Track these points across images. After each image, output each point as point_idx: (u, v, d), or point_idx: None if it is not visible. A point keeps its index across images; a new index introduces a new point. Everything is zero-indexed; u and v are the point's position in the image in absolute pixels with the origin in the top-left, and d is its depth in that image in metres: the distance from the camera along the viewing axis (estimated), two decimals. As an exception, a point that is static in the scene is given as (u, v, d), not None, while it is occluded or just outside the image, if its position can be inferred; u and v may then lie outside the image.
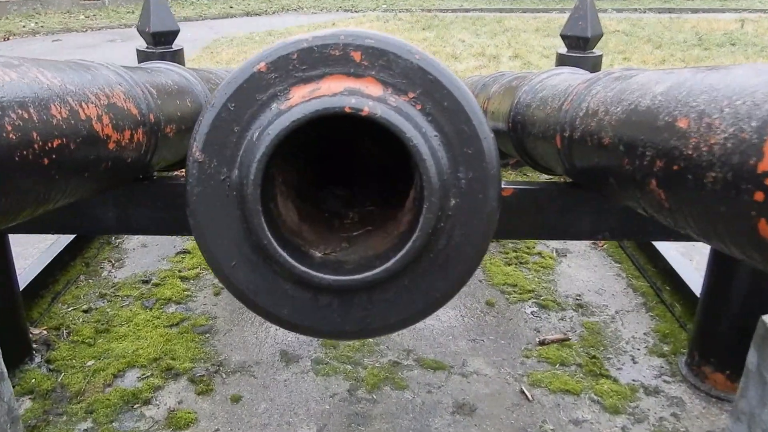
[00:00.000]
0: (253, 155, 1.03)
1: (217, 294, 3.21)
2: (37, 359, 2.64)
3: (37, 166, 1.10)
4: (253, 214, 1.04)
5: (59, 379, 2.53)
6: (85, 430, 2.29)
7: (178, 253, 3.63)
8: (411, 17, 15.05)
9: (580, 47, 4.21)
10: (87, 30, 13.49)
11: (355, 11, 17.22)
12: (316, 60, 1.11)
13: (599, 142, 1.39)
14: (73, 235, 3.34)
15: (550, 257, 3.60)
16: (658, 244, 3.34)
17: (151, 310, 3.01)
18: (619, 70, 1.65)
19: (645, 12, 15.69)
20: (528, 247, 3.69)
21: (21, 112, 1.06)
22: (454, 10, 16.69)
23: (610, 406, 2.41)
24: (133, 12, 15.22)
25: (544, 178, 4.16)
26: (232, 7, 17.08)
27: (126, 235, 3.63)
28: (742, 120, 0.80)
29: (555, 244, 3.75)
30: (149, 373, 2.58)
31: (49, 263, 3.15)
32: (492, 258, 3.59)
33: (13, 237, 2.84)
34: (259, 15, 16.78)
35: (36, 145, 1.09)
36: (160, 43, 3.91)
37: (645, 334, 2.88)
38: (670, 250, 3.30)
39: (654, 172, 1.08)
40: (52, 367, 2.60)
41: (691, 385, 2.53)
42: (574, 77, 2.14)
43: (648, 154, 1.10)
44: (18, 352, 2.59)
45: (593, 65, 4.20)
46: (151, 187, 1.94)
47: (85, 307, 3.03)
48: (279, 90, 1.11)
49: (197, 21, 15.30)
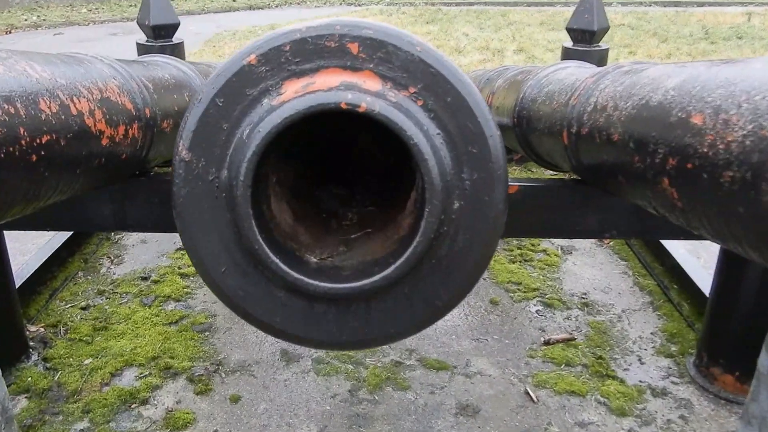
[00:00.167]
0: (243, 154, 0.97)
1: (217, 291, 3.16)
2: (34, 357, 2.60)
3: (24, 162, 1.06)
4: (243, 217, 0.98)
5: (56, 378, 2.49)
6: (82, 430, 2.25)
7: (177, 249, 3.58)
8: (415, 11, 14.97)
9: (586, 41, 4.15)
10: (89, 23, 13.43)
11: (359, 5, 17.13)
12: (310, 52, 1.04)
13: (608, 139, 1.35)
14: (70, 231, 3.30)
15: (556, 255, 3.54)
16: (666, 242, 3.28)
17: (150, 307, 2.97)
18: (629, 63, 1.60)
19: (650, 5, 15.56)
20: (533, 245, 3.64)
21: (7, 107, 1.01)
22: (458, 4, 16.58)
23: (616, 408, 2.36)
24: (135, 5, 15.16)
25: (549, 174, 4.10)
26: (234, 0, 17.02)
27: (122, 232, 3.58)
28: (763, 116, 0.75)
29: (560, 241, 3.69)
30: (147, 372, 2.54)
31: (47, 259, 3.11)
32: (496, 255, 3.53)
33: (11, 232, 2.80)
34: (261, 8, 16.69)
35: (23, 141, 1.04)
36: (160, 37, 3.87)
37: (652, 333, 2.83)
38: (677, 247, 3.24)
39: (666, 171, 1.04)
40: (48, 365, 2.57)
41: (699, 387, 2.48)
42: (581, 71, 2.09)
43: (660, 152, 1.06)
44: (14, 350, 2.56)
45: (599, 59, 4.15)
46: (147, 184, 1.89)
47: (83, 304, 2.99)
48: (270, 84, 1.05)
49: (199, 14, 15.23)
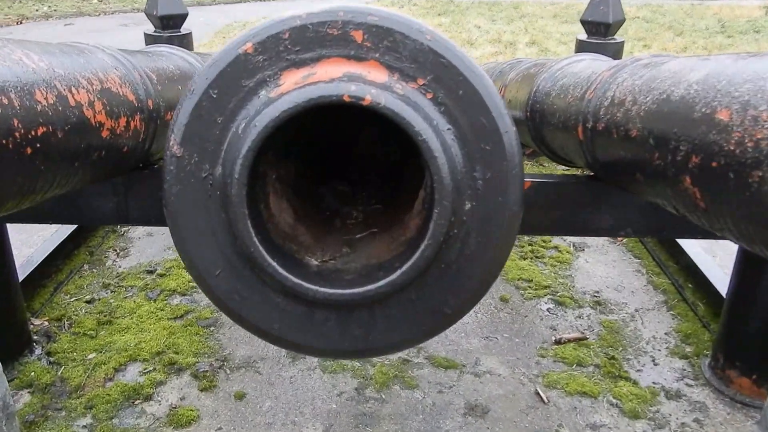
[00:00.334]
0: (238, 150, 0.91)
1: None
2: (38, 351, 2.57)
3: (18, 155, 1.02)
4: (238, 218, 0.92)
5: (59, 373, 2.46)
6: (84, 427, 2.22)
7: (184, 242, 3.54)
8: (426, 2, 14.85)
9: (600, 33, 4.07)
10: (100, 14, 13.42)
11: (370, -4, 17.03)
12: (310, 40, 0.97)
13: (626, 134, 1.30)
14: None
15: (567, 252, 3.48)
16: (681, 240, 3.21)
17: (155, 301, 2.94)
18: (647, 56, 1.54)
19: (665, -2, 15.37)
20: (544, 241, 3.58)
21: (0, 98, 0.97)
22: (470, -4, 16.46)
23: (629, 411, 2.30)
24: (146, -4, 15.14)
25: (561, 169, 4.04)
26: (245, -9, 16.97)
27: (125, 225, 3.55)
28: None
29: (572, 238, 3.63)
30: (151, 368, 2.50)
31: (52, 251, 3.08)
32: (507, 251, 3.47)
33: (17, 224, 2.77)
34: (273, -1, 16.65)
35: (17, 134, 1.00)
36: (168, 27, 3.82)
37: (666, 334, 2.76)
38: (692, 245, 3.17)
39: (689, 169, 0.99)
40: (52, 359, 2.54)
41: (714, 390, 2.41)
42: (598, 64, 2.03)
43: (682, 149, 1.01)
44: (17, 344, 2.53)
45: (614, 52, 4.06)
46: (150, 177, 1.85)
47: (88, 297, 2.96)
48: (268, 75, 0.98)
49: (210, 6, 15.19)
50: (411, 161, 1.15)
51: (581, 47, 4.12)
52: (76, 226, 3.30)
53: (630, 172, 1.30)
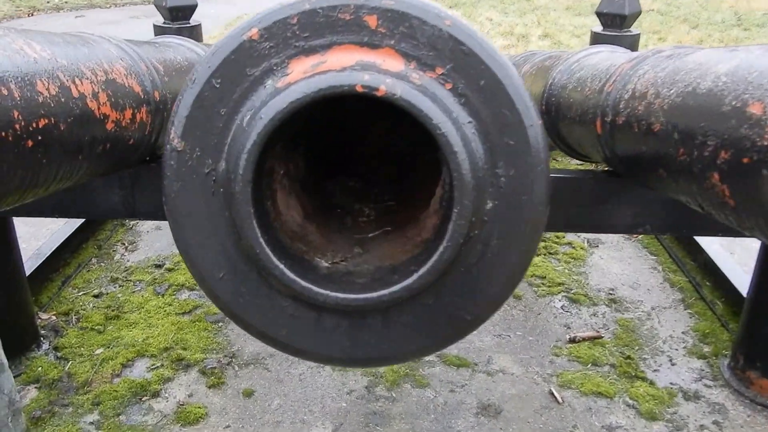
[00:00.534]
0: (243, 144, 0.85)
1: (232, 280, 3.09)
2: (45, 346, 2.55)
3: (19, 148, 0.98)
4: (242, 217, 0.86)
5: (66, 368, 2.43)
6: (91, 423, 2.19)
7: (193, 236, 3.51)
8: (437, -5, 14.73)
9: (616, 25, 3.99)
10: (111, 6, 13.40)
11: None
12: (321, 26, 0.91)
13: (648, 129, 1.25)
14: (83, 217, 3.24)
15: (582, 248, 3.42)
16: (699, 237, 3.14)
17: (163, 296, 2.90)
18: (670, 48, 1.49)
19: (680, -10, 15.16)
20: (557, 237, 3.51)
21: None
22: (481, -12, 16.30)
23: (646, 412, 2.25)
24: (157, -12, 15.10)
25: (575, 164, 3.97)
26: (256, -17, 16.89)
27: (132, 219, 3.51)
28: None
29: (586, 234, 3.56)
30: (159, 364, 2.47)
31: (60, 245, 3.05)
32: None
33: (25, 217, 2.75)
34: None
35: (17, 126, 0.97)
36: (177, 18, 3.79)
37: (683, 333, 2.70)
38: (710, 242, 3.09)
39: (717, 165, 0.95)
40: (59, 354, 2.51)
41: (734, 391, 2.35)
42: (616, 56, 1.98)
43: (710, 144, 0.97)
44: (25, 339, 2.50)
45: (630, 45, 3.98)
46: (158, 170, 1.81)
47: (96, 291, 2.93)
48: (275, 63, 0.92)
49: (221, -3, 15.14)
50: (426, 155, 1.09)
51: (596, 39, 4.04)
52: (84, 219, 3.28)
53: (652, 168, 1.26)
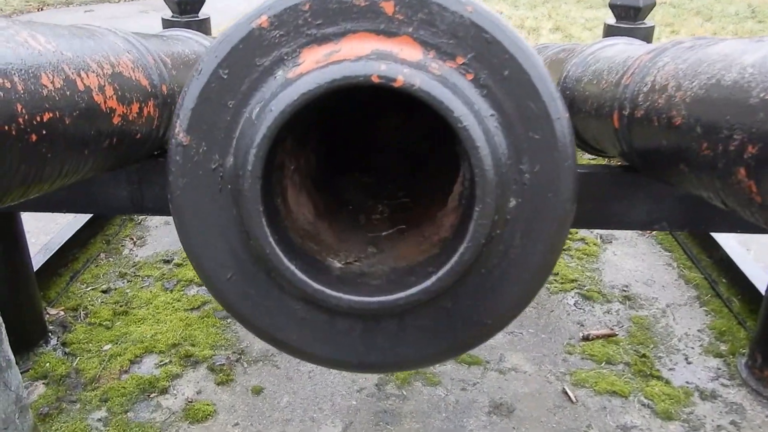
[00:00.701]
0: (252, 138, 0.81)
1: (241, 276, 3.06)
2: (53, 341, 2.53)
3: (22, 142, 0.96)
4: (251, 215, 0.82)
5: (74, 364, 2.41)
6: (99, 420, 2.17)
7: (202, 231, 3.48)
8: (447, -12, 14.63)
9: (630, 17, 3.92)
10: (120, 0, 13.41)
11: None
12: (334, 12, 0.86)
13: (669, 122, 1.21)
14: (90, 212, 3.22)
15: (595, 244, 3.37)
16: (715, 232, 3.08)
17: (171, 292, 2.88)
18: (691, 39, 1.44)
19: (693, -17, 15.00)
20: (570, 233, 3.45)
21: (2, 81, 0.91)
22: (491, -19, 16.19)
23: (661, 412, 2.21)
24: (166, -18, 15.08)
25: (587, 158, 3.91)
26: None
27: (140, 215, 3.49)
28: None
29: (600, 229, 3.51)
30: (167, 360, 2.45)
31: (68, 240, 3.03)
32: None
33: (34, 212, 2.73)
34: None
35: (21, 119, 0.94)
36: (186, 12, 3.75)
37: (699, 330, 2.65)
38: (727, 238, 3.03)
39: (744, 160, 0.91)
40: (67, 350, 2.49)
41: (752, 390, 2.30)
42: (633, 48, 1.93)
43: (736, 138, 0.93)
44: (33, 334, 2.49)
45: (644, 37, 3.91)
46: (165, 165, 1.78)
47: (104, 287, 2.91)
48: (285, 53, 0.87)
49: (230, -9, 15.11)
50: (443, 150, 1.05)
51: (609, 32, 3.97)
52: (92, 214, 3.26)
53: (672, 163, 1.22)
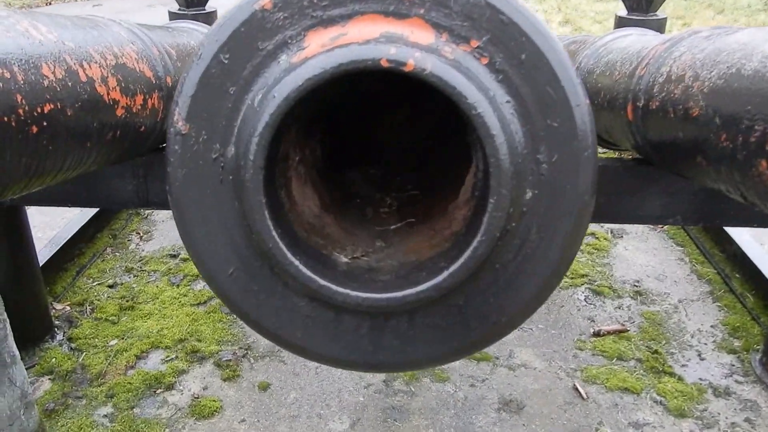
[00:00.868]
0: (254, 127, 0.77)
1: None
2: (59, 337, 2.52)
3: (22, 134, 0.94)
4: (253, 207, 0.78)
5: (80, 359, 2.40)
6: (105, 416, 2.15)
7: (208, 225, 3.46)
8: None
9: (642, 9, 3.88)
10: (128, -5, 13.42)
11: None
12: None
13: (685, 113, 1.18)
14: (97, 206, 3.21)
15: (605, 238, 3.32)
16: (728, 227, 3.03)
17: (178, 287, 2.86)
18: (708, 28, 1.41)
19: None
20: (580, 227, 3.42)
21: (1, 71, 0.89)
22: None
23: (674, 408, 2.17)
24: (173, -23, 15.06)
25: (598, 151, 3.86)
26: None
27: (146, 209, 3.47)
28: None
29: (610, 224, 3.47)
30: (173, 356, 2.43)
31: (75, 234, 3.01)
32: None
33: (42, 207, 2.72)
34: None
35: (20, 111, 0.92)
36: (193, 5, 3.73)
37: (712, 326, 2.61)
38: (740, 233, 2.99)
39: (766, 152, 0.88)
40: (73, 345, 2.48)
41: (766, 387, 2.26)
42: (647, 38, 1.90)
43: (758, 129, 0.91)
44: (39, 329, 2.47)
45: (657, 29, 3.84)
46: None
47: (110, 282, 2.90)
48: (290, 36, 0.83)
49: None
50: (454, 139, 1.01)
51: (621, 24, 3.92)
52: (98, 208, 3.24)
53: (689, 156, 1.19)
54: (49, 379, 2.31)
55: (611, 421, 2.13)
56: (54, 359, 2.38)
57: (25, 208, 2.37)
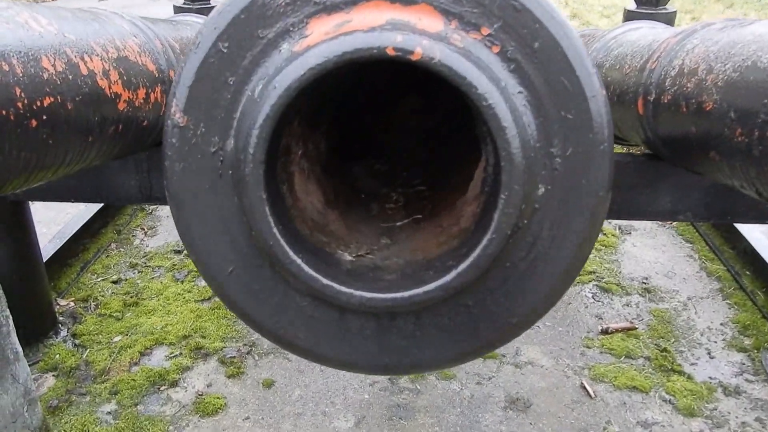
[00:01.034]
0: (254, 119, 0.73)
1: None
2: (63, 333, 2.51)
3: (21, 128, 0.92)
4: (253, 203, 0.75)
5: (84, 356, 2.38)
6: (109, 413, 2.14)
7: (213, 221, 3.44)
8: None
9: (651, 2, 3.83)
10: (133, -10, 13.41)
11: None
12: None
13: (698, 107, 1.16)
14: (101, 202, 3.20)
15: (613, 235, 3.29)
16: (738, 223, 2.99)
17: (182, 282, 2.84)
18: (722, 20, 1.38)
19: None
20: (588, 223, 3.39)
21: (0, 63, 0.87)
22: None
23: (683, 408, 2.14)
24: (179, -28, 15.02)
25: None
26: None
27: (149, 204, 3.44)
28: None
29: (618, 220, 3.43)
30: (178, 352, 2.41)
31: (79, 230, 3.00)
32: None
33: (47, 202, 2.71)
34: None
35: (20, 104, 0.91)
36: (197, -1, 3.70)
37: (722, 324, 2.57)
38: (751, 229, 2.95)
39: None
40: (77, 341, 2.46)
41: (778, 386, 2.23)
42: (658, 31, 1.87)
43: None
44: (42, 325, 2.46)
45: (667, 23, 3.81)
46: None
47: (114, 277, 2.88)
48: (292, 23, 0.79)
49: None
50: (463, 132, 0.98)
51: (630, 18, 3.88)
52: (102, 204, 3.23)
53: (701, 151, 1.17)
54: (52, 375, 2.30)
55: (619, 420, 2.10)
56: (58, 355, 2.37)
57: (29, 203, 2.35)
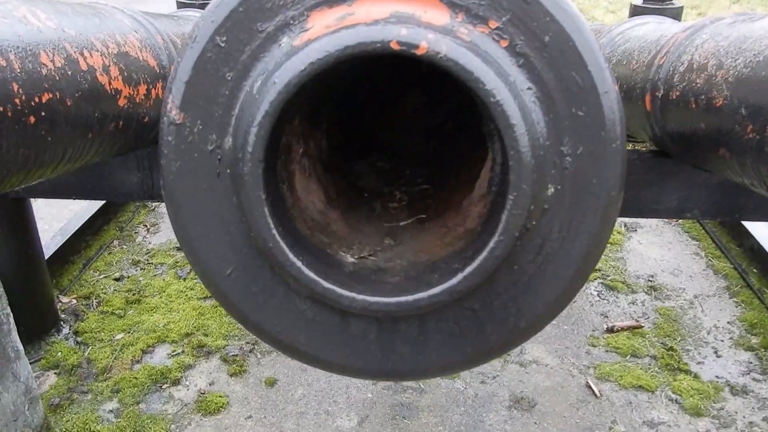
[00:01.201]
0: (253, 116, 0.71)
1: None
2: (65, 330, 2.49)
3: (19, 124, 0.90)
4: (252, 203, 0.72)
5: (86, 354, 2.37)
6: (110, 411, 2.13)
7: (216, 218, 3.43)
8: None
9: (658, -3, 3.80)
10: (137, -14, 13.44)
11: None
12: None
13: (708, 104, 1.14)
14: (103, 198, 3.18)
15: (619, 232, 3.26)
16: (745, 221, 2.96)
17: (184, 280, 2.83)
18: (732, 15, 1.35)
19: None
20: (593, 220, 3.36)
21: None
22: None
23: (690, 407, 2.12)
24: (182, -32, 14.99)
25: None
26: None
27: (151, 201, 3.42)
28: None
29: (625, 218, 3.41)
30: (180, 350, 2.40)
31: (81, 226, 2.99)
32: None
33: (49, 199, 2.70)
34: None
35: (17, 100, 0.89)
36: (200, -6, 3.68)
37: (729, 323, 2.55)
38: (758, 227, 2.92)
39: None
40: (79, 339, 2.45)
41: (785, 386, 2.21)
42: (666, 26, 1.85)
43: None
44: (44, 323, 2.45)
45: (673, 18, 3.79)
46: None
47: (117, 275, 2.87)
48: (292, 16, 0.76)
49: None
50: (469, 129, 0.95)
51: (636, 13, 3.83)
52: (104, 200, 3.22)
53: (710, 148, 1.15)
54: (54, 373, 2.29)
55: (625, 420, 2.08)
56: (60, 353, 2.36)
57: (30, 200, 2.34)
